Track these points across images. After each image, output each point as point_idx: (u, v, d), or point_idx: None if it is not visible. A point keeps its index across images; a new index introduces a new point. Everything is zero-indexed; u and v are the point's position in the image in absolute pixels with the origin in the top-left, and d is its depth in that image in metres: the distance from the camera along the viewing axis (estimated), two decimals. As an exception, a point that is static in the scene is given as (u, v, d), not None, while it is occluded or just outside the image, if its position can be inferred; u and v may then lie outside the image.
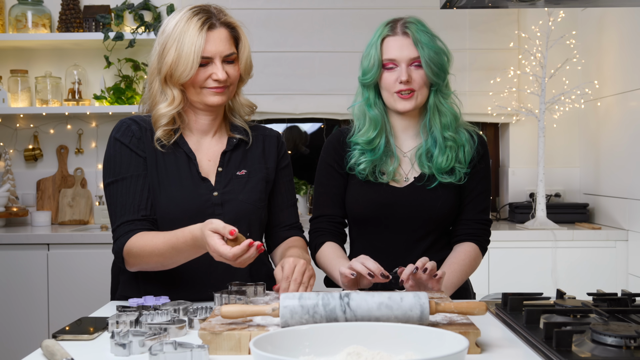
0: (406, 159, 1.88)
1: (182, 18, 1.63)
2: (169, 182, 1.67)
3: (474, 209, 1.89)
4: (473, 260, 1.85)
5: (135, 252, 1.58)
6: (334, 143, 1.93)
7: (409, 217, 1.84)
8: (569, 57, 3.52)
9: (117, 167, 1.66)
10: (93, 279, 3.11)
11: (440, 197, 1.84)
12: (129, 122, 1.70)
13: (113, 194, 1.66)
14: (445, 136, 1.84)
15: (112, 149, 1.68)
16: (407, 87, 1.79)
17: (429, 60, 1.78)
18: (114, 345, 1.21)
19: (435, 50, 1.80)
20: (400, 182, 1.86)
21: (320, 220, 1.91)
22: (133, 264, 1.62)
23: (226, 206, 1.69)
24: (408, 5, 3.57)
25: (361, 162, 1.84)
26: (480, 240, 1.89)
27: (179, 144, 1.70)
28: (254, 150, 1.79)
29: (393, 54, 1.80)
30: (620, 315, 1.42)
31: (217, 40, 1.64)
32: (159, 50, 1.66)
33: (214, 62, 1.64)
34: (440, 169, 1.83)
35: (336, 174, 1.90)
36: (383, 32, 1.84)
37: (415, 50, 1.79)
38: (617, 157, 3.27)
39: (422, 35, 1.79)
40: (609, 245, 3.17)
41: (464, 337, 1.06)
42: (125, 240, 1.60)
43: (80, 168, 3.73)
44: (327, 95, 3.71)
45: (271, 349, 1.06)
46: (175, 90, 1.66)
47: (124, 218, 1.63)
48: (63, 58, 3.73)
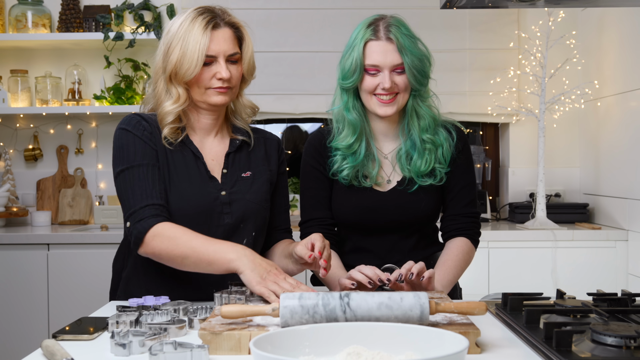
0: (387, 162, 1.89)
1: (187, 18, 1.66)
2: (179, 179, 1.68)
3: (459, 203, 1.90)
4: (466, 254, 1.85)
5: (169, 235, 1.56)
6: (316, 146, 1.91)
7: (393, 219, 1.86)
8: (569, 57, 3.52)
9: (131, 155, 1.65)
10: (93, 279, 3.11)
11: (422, 199, 1.85)
12: (138, 118, 1.70)
13: (129, 179, 1.63)
14: (424, 139, 1.83)
15: (125, 138, 1.67)
16: (388, 93, 1.78)
17: (413, 68, 1.76)
18: (114, 345, 1.21)
19: (418, 57, 1.77)
20: (383, 186, 1.87)
21: (311, 224, 1.90)
22: (153, 248, 1.58)
23: (234, 205, 1.71)
24: (408, 5, 3.57)
25: (344, 168, 1.84)
26: (470, 233, 1.89)
27: (185, 143, 1.72)
28: (256, 153, 1.81)
29: (377, 59, 1.77)
30: (620, 315, 1.42)
31: (221, 39, 1.66)
32: (164, 50, 1.67)
33: (218, 61, 1.66)
34: (419, 172, 1.83)
35: (322, 176, 1.90)
36: (365, 35, 1.78)
37: (399, 57, 1.76)
38: (617, 157, 3.27)
39: (406, 40, 1.76)
40: (609, 245, 3.17)
41: (464, 337, 1.06)
42: (154, 223, 1.57)
43: (80, 168, 3.74)
44: (327, 95, 3.65)
45: (271, 349, 1.06)
46: (180, 89, 1.67)
47: (148, 201, 1.60)
48: (63, 58, 3.73)
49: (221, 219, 1.70)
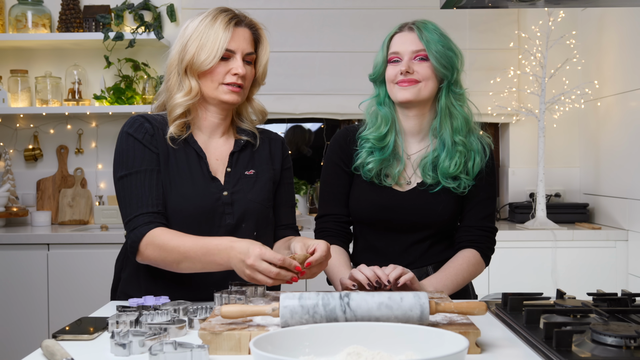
0: (410, 163, 1.87)
1: (208, 15, 1.70)
2: (181, 180, 1.69)
3: (476, 216, 1.86)
4: (472, 266, 1.81)
5: (159, 243, 1.58)
6: (340, 141, 1.92)
7: (408, 220, 1.83)
8: (569, 57, 3.52)
9: (130, 160, 1.67)
10: (93, 279, 3.11)
11: (441, 202, 1.82)
12: (141, 120, 1.71)
13: (127, 186, 1.66)
14: (456, 140, 1.81)
15: (125, 143, 1.69)
16: (406, 78, 1.78)
17: (436, 52, 1.77)
18: (114, 345, 1.21)
19: (442, 44, 1.79)
20: (403, 186, 1.85)
21: (326, 220, 1.91)
22: (148, 256, 1.61)
23: (235, 205, 1.72)
24: (408, 5, 3.57)
25: (369, 162, 1.83)
26: (481, 247, 1.85)
27: (189, 142, 1.72)
28: (261, 152, 1.81)
29: (396, 47, 1.81)
30: (620, 315, 1.42)
31: (241, 37, 1.70)
32: (182, 42, 1.70)
33: (235, 57, 1.69)
34: (446, 173, 1.81)
35: (342, 172, 1.90)
36: (392, 32, 1.85)
37: (420, 43, 1.79)
38: (617, 157, 3.27)
39: (430, 33, 1.79)
40: (609, 245, 3.17)
41: (464, 337, 1.06)
42: (147, 231, 1.60)
43: (80, 168, 3.74)
44: (327, 95, 3.71)
45: (271, 349, 1.06)
46: (192, 81, 1.69)
47: (142, 209, 1.63)
48: (63, 58, 3.73)
49: (223, 219, 1.70)
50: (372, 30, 3.65)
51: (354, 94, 3.60)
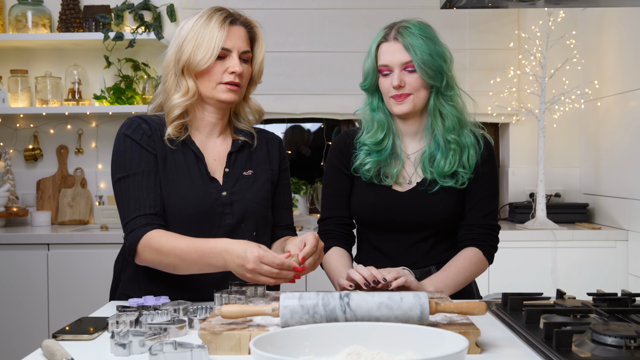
0: (409, 162, 1.88)
1: (203, 15, 1.70)
2: (180, 180, 1.69)
3: (477, 214, 1.86)
4: (474, 264, 1.81)
5: (155, 246, 1.58)
6: (340, 145, 1.93)
7: (408, 220, 1.84)
8: (569, 57, 3.52)
9: (127, 162, 1.67)
10: (93, 279, 3.11)
11: (441, 201, 1.83)
12: (139, 121, 1.71)
13: (125, 188, 1.66)
14: (448, 139, 1.82)
15: (123, 145, 1.69)
16: (399, 92, 1.79)
17: (422, 64, 1.77)
18: (114, 345, 1.21)
19: (429, 52, 1.77)
20: (403, 186, 1.86)
21: (328, 222, 1.92)
22: (145, 259, 1.61)
23: (234, 205, 1.72)
24: (408, 5, 3.58)
25: (367, 163, 1.84)
26: (483, 245, 1.85)
27: (187, 143, 1.72)
28: (258, 152, 1.82)
29: (385, 59, 1.81)
30: (620, 315, 1.42)
31: (236, 35, 1.70)
32: (178, 43, 1.70)
33: (232, 55, 1.69)
34: (442, 172, 1.81)
35: (343, 175, 1.91)
36: (378, 38, 1.84)
37: (407, 54, 1.78)
38: (617, 157, 3.27)
39: (415, 39, 1.77)
40: (609, 245, 3.17)
41: (464, 337, 1.06)
42: (144, 233, 1.60)
43: (80, 168, 3.74)
44: (327, 95, 3.71)
45: (271, 349, 1.06)
46: (190, 82, 1.69)
47: (140, 211, 1.63)
48: (63, 58, 3.73)
49: (222, 219, 1.70)
50: (372, 30, 3.61)
51: (354, 94, 3.57)
